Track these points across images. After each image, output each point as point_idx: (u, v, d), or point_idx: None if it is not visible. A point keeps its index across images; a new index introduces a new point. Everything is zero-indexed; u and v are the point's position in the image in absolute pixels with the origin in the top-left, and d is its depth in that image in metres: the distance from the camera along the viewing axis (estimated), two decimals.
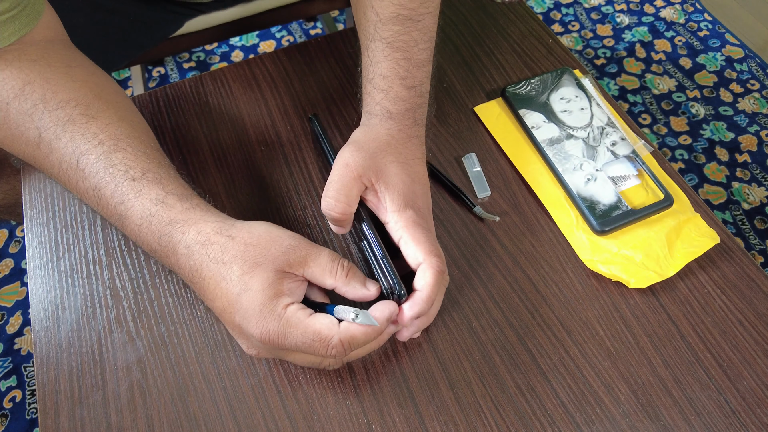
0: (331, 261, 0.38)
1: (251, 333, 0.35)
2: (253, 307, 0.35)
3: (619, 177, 0.49)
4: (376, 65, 0.45)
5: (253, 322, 0.35)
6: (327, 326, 0.35)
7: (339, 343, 0.35)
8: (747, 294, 0.44)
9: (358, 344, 0.36)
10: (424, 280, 0.38)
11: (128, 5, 0.68)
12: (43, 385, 0.40)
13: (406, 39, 0.45)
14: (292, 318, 0.35)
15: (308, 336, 0.35)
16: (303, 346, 0.35)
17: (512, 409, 0.39)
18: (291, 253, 0.37)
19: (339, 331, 0.35)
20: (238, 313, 0.36)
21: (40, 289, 0.44)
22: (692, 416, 0.39)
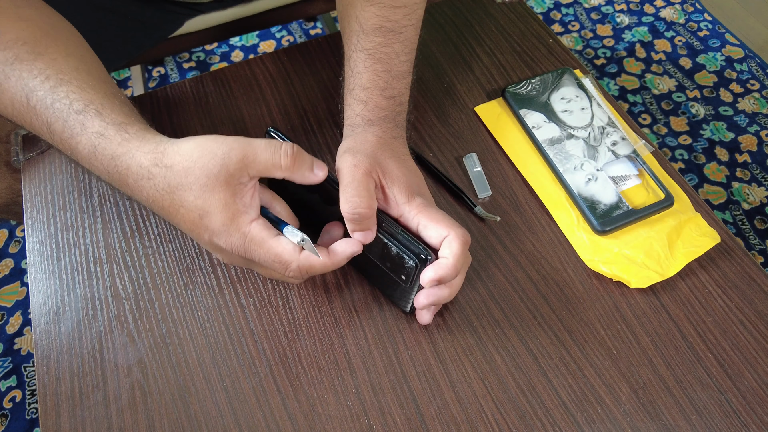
0: (272, 153, 0.37)
1: (221, 246, 0.37)
2: (218, 226, 0.37)
3: (620, 177, 0.49)
4: (357, 76, 0.45)
5: (222, 238, 0.37)
6: (288, 251, 0.37)
7: (297, 269, 0.37)
8: (748, 293, 0.44)
9: (315, 273, 0.39)
10: (450, 249, 0.39)
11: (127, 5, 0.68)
12: (44, 385, 0.40)
13: (387, 51, 0.45)
14: (256, 236, 0.37)
15: (269, 256, 0.37)
16: (265, 263, 0.38)
17: (513, 409, 0.39)
18: (229, 162, 0.36)
19: (299, 258, 0.37)
20: (206, 231, 0.37)
21: (41, 290, 0.44)
22: (693, 416, 0.39)
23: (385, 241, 0.40)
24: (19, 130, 0.52)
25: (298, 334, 0.42)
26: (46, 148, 0.52)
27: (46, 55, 0.40)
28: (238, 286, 0.44)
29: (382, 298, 0.44)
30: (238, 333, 0.42)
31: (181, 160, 0.37)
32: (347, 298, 0.44)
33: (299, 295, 0.44)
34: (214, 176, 0.36)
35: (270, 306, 0.43)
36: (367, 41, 0.45)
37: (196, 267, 0.45)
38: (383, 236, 0.40)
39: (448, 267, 0.38)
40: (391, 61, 0.45)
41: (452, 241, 0.39)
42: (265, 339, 0.42)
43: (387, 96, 0.45)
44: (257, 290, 0.44)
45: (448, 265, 0.38)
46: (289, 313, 0.43)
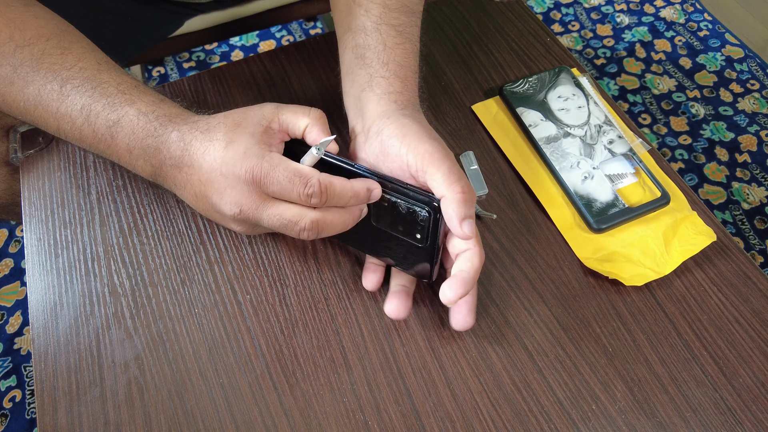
0: (301, 107, 0.40)
1: (237, 173, 0.37)
2: (239, 153, 0.37)
3: (616, 175, 0.49)
4: (391, 51, 0.44)
5: (239, 163, 0.37)
6: (309, 169, 0.38)
7: (317, 182, 0.37)
8: (743, 291, 0.44)
9: (335, 192, 0.38)
10: (471, 263, 0.38)
11: (127, 5, 0.68)
12: (41, 381, 0.41)
13: (413, 33, 0.45)
14: (275, 158, 0.37)
15: (291, 171, 0.37)
16: (284, 181, 0.37)
17: (509, 406, 0.39)
18: (265, 109, 0.40)
19: (319, 175, 0.37)
20: (225, 163, 0.37)
21: (39, 287, 0.45)
22: (688, 413, 0.39)
23: (393, 200, 0.40)
24: (18, 127, 0.53)
25: (295, 330, 0.42)
26: (45, 145, 0.52)
27: (73, 50, 0.42)
28: (235, 283, 0.45)
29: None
30: (234, 329, 0.42)
31: (227, 111, 0.40)
32: (343, 295, 0.44)
33: (296, 292, 0.44)
34: (250, 119, 0.39)
35: (267, 303, 0.44)
36: (393, 18, 0.44)
37: (193, 264, 0.45)
38: (390, 196, 0.40)
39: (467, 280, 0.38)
40: (415, 43, 0.45)
41: (474, 257, 0.38)
42: (261, 335, 0.42)
43: (418, 80, 0.45)
44: (254, 287, 0.44)
45: (467, 279, 0.38)
46: (285, 310, 0.43)
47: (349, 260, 0.46)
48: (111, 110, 0.40)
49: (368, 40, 0.44)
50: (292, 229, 0.38)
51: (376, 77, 0.43)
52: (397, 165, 0.40)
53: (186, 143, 0.39)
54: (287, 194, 0.37)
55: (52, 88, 0.40)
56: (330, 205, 0.38)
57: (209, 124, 0.39)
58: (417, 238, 0.40)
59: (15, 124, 0.53)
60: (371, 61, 0.44)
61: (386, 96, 0.43)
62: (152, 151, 0.40)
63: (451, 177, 0.38)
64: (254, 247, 0.46)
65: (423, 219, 0.38)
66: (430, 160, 0.38)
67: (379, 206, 0.40)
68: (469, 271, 0.38)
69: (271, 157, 0.37)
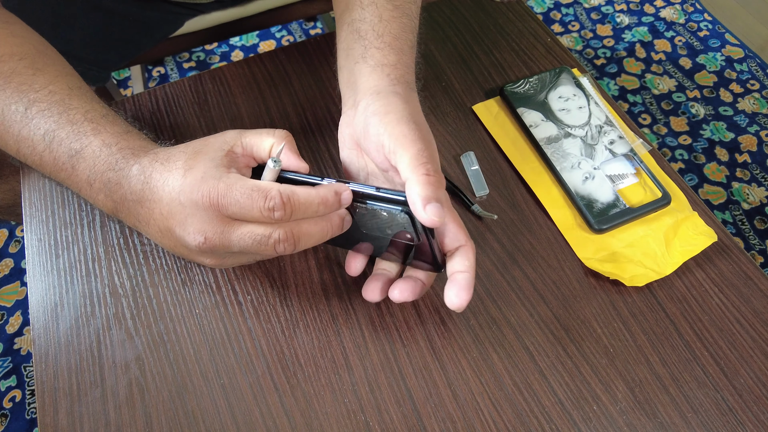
0: (266, 129, 0.39)
1: (194, 199, 0.35)
2: (196, 179, 0.35)
3: (617, 175, 0.49)
4: (386, 24, 0.43)
5: (196, 188, 0.35)
6: (267, 182, 0.35)
7: (278, 194, 0.34)
8: (744, 292, 0.44)
9: (299, 201, 0.35)
10: (468, 261, 0.38)
11: (128, 5, 0.68)
12: (42, 382, 0.40)
13: (411, 8, 0.44)
14: (232, 177, 0.35)
15: (248, 187, 0.34)
16: (242, 199, 0.34)
17: (510, 407, 0.39)
18: (227, 135, 0.38)
19: (279, 186, 0.35)
20: (183, 192, 0.35)
21: (39, 287, 0.45)
22: (689, 414, 0.39)
23: (370, 206, 0.37)
24: None
25: (295, 331, 0.42)
26: None
27: (46, 72, 0.40)
28: (236, 283, 0.45)
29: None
30: (235, 330, 0.42)
31: (187, 142, 0.39)
32: (344, 295, 0.44)
33: (297, 293, 0.44)
34: (210, 146, 0.37)
35: (267, 303, 0.44)
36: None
37: (193, 264, 0.45)
38: (366, 203, 0.37)
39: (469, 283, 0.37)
40: (413, 18, 0.44)
41: (469, 253, 0.38)
42: (262, 336, 0.42)
43: (413, 56, 0.43)
44: (255, 288, 0.44)
45: (468, 281, 0.37)
46: (286, 310, 0.43)
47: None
48: (75, 139, 0.38)
49: (364, 13, 0.43)
50: (267, 244, 0.35)
51: (371, 48, 0.42)
52: (374, 145, 0.38)
53: (146, 176, 0.37)
54: (248, 213, 0.34)
55: (17, 109, 0.39)
56: (298, 217, 0.35)
57: (169, 153, 0.38)
58: (408, 238, 0.38)
59: None
60: (366, 33, 0.43)
61: (379, 68, 0.41)
62: (113, 186, 0.38)
63: (418, 159, 0.35)
64: None
65: (404, 219, 0.36)
66: (402, 142, 0.36)
67: (361, 214, 0.38)
68: (468, 272, 0.37)
69: (228, 177, 0.35)
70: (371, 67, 0.41)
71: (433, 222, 0.34)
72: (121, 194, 0.38)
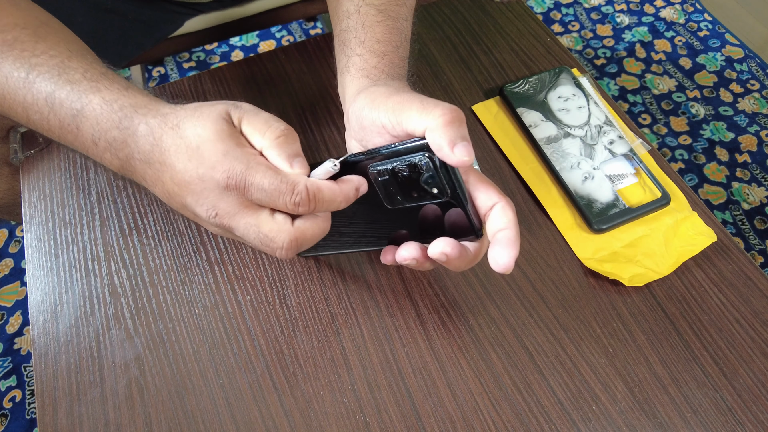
0: (265, 121, 0.36)
1: (217, 178, 0.34)
2: (217, 154, 0.34)
3: (617, 175, 0.49)
4: (369, 29, 0.42)
5: (219, 167, 0.33)
6: (294, 173, 0.34)
7: (305, 189, 0.33)
8: (744, 292, 0.44)
9: (324, 198, 0.34)
10: (507, 217, 0.34)
11: (127, 5, 0.68)
12: (42, 382, 0.40)
13: (398, 10, 0.43)
14: (260, 159, 0.34)
15: (275, 177, 0.33)
16: (269, 187, 0.33)
17: (509, 407, 0.39)
18: (232, 106, 0.36)
19: (307, 180, 0.34)
20: (201, 163, 0.34)
21: (39, 287, 0.45)
22: (689, 414, 0.39)
23: (389, 167, 0.35)
24: (19, 128, 0.53)
25: (295, 331, 0.42)
26: (45, 146, 0.52)
27: (48, 40, 0.40)
28: (236, 283, 0.45)
29: (379, 296, 0.44)
30: (234, 330, 0.42)
31: (196, 104, 0.37)
32: (344, 295, 0.44)
33: (296, 292, 0.44)
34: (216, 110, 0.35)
35: (267, 303, 0.44)
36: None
37: (193, 264, 0.45)
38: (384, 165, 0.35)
39: (514, 239, 0.34)
40: (401, 21, 0.43)
41: (506, 209, 0.35)
42: (261, 336, 0.42)
43: (401, 55, 0.42)
44: (254, 288, 0.44)
45: (513, 237, 0.34)
46: (285, 310, 0.43)
47: (349, 260, 0.46)
48: (75, 99, 0.37)
49: (349, 22, 0.43)
50: (268, 246, 0.35)
51: (353, 56, 0.42)
52: (376, 133, 0.37)
53: (156, 138, 0.36)
54: (272, 201, 0.34)
55: (19, 75, 0.38)
56: (317, 212, 0.35)
57: (179, 117, 0.36)
58: (436, 194, 0.35)
59: (15, 125, 0.53)
60: (349, 42, 0.43)
61: (359, 73, 0.41)
62: (119, 144, 0.37)
63: (426, 107, 0.34)
64: None
65: (427, 168, 0.34)
66: (401, 108, 0.35)
67: (384, 185, 0.36)
68: (510, 229, 0.34)
69: (256, 159, 0.34)
70: (353, 75, 0.41)
71: (464, 161, 0.32)
72: (127, 152, 0.37)
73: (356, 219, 0.39)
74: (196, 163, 0.34)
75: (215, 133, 0.34)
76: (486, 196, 0.35)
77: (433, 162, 0.33)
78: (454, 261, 0.35)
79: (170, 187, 0.36)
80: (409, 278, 0.45)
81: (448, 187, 0.34)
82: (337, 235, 0.40)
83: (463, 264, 0.36)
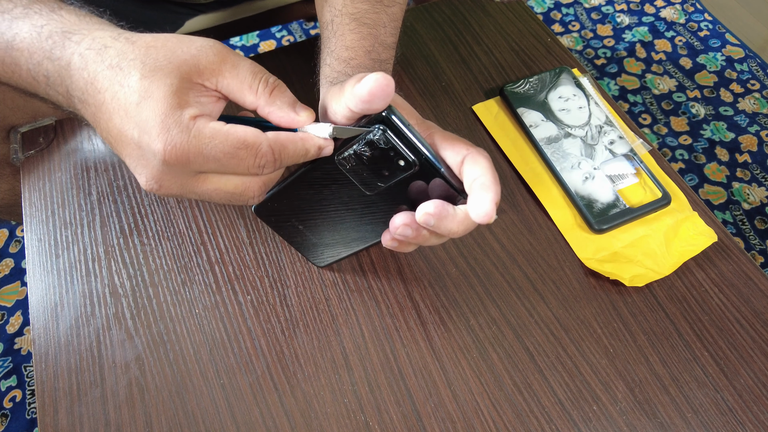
0: (252, 74, 0.31)
1: (154, 149, 0.29)
2: (154, 117, 0.29)
3: (617, 175, 0.49)
4: (340, 37, 0.40)
5: (155, 133, 0.28)
6: (253, 133, 0.30)
7: (269, 150, 0.30)
8: (744, 292, 0.44)
9: (288, 156, 0.31)
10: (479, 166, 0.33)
11: (127, 4, 0.68)
12: (42, 382, 0.40)
13: (374, 18, 0.42)
14: (205, 129, 0.29)
15: (231, 143, 0.29)
16: (224, 158, 0.29)
17: (509, 407, 0.39)
18: (202, 55, 0.30)
19: (267, 138, 0.30)
20: (138, 126, 0.29)
21: (39, 287, 0.45)
22: (689, 414, 0.39)
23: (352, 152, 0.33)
24: (19, 128, 0.53)
25: (295, 331, 0.42)
26: (45, 146, 0.52)
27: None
28: (236, 283, 0.45)
29: (379, 296, 0.44)
30: (235, 330, 0.42)
31: (150, 39, 0.30)
32: (344, 295, 0.44)
33: (296, 292, 0.44)
34: (177, 63, 0.30)
35: (267, 303, 0.44)
36: (353, 7, 0.42)
37: (193, 264, 0.45)
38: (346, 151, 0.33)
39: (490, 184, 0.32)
40: (377, 27, 0.42)
41: (476, 157, 0.33)
42: (262, 336, 0.42)
43: (372, 58, 0.41)
44: (254, 288, 0.44)
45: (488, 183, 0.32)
46: (286, 310, 0.43)
47: (350, 260, 0.46)
48: (5, 28, 0.33)
49: (325, 33, 0.42)
50: (238, 201, 0.33)
51: (324, 66, 0.41)
52: None
53: (91, 75, 0.30)
54: (231, 170, 0.30)
55: None
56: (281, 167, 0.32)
57: (122, 56, 0.30)
58: (405, 165, 0.33)
59: (16, 125, 0.53)
60: (323, 54, 0.42)
61: (326, 84, 0.39)
62: (55, 79, 0.32)
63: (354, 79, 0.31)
64: (255, 247, 0.46)
65: (384, 141, 0.32)
66: (341, 91, 0.33)
67: (355, 173, 0.35)
68: (484, 175, 0.32)
69: (199, 129, 0.29)
70: (323, 85, 0.40)
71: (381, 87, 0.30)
72: (64, 88, 0.32)
73: (348, 217, 0.39)
74: (132, 123, 0.29)
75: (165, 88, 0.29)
76: (453, 152, 0.34)
77: (386, 134, 0.32)
78: (443, 224, 0.33)
79: (107, 138, 0.32)
80: (410, 278, 0.45)
81: (412, 153, 0.33)
82: (338, 239, 0.40)
83: (454, 225, 0.34)
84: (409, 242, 0.37)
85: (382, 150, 0.33)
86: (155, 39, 0.31)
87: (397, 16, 0.44)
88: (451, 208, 0.34)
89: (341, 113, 0.33)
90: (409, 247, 0.38)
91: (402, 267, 0.45)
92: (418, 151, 0.33)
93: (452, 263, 0.46)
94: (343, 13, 0.42)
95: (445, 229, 0.34)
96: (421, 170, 0.33)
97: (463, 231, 0.35)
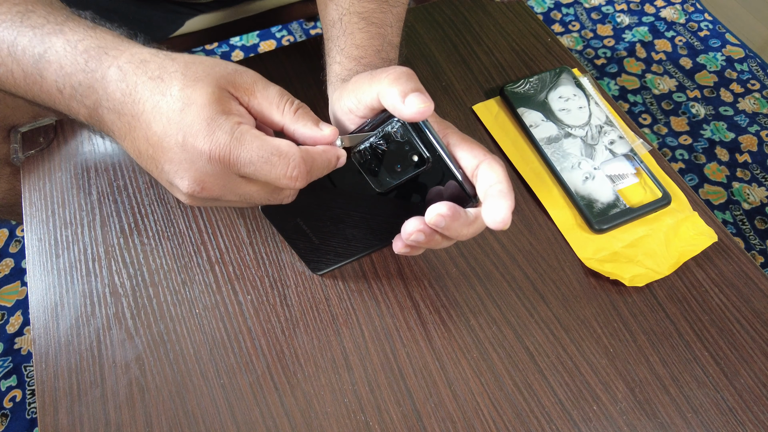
0: (280, 95, 0.34)
1: (200, 149, 0.31)
2: (200, 121, 0.31)
3: (617, 175, 0.49)
4: (349, 36, 0.41)
5: (201, 136, 0.31)
6: (287, 144, 0.32)
7: (301, 162, 0.32)
8: (744, 292, 0.44)
9: (316, 167, 0.33)
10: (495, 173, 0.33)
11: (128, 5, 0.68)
12: (42, 382, 0.40)
13: (382, 17, 0.43)
14: (247, 133, 0.31)
15: (267, 150, 0.31)
16: (259, 162, 0.31)
17: (510, 407, 0.39)
18: (237, 75, 0.33)
19: (300, 151, 0.32)
20: (182, 130, 0.31)
21: (40, 287, 0.45)
22: (689, 414, 0.39)
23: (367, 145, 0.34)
24: (19, 128, 0.53)
25: (295, 331, 0.42)
26: (46, 145, 0.52)
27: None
28: (236, 283, 0.45)
29: (380, 296, 0.44)
30: (235, 330, 0.42)
31: (188, 57, 0.33)
32: (344, 295, 0.44)
33: (297, 292, 0.44)
34: (215, 77, 0.32)
35: (267, 303, 0.44)
36: (361, 6, 0.42)
37: (194, 264, 0.45)
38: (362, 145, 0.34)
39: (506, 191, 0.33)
40: (385, 27, 0.43)
41: (493, 164, 0.34)
42: (262, 336, 0.42)
43: (382, 57, 0.42)
44: (255, 288, 0.44)
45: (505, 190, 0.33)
46: (286, 310, 0.43)
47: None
48: (37, 43, 0.34)
49: (333, 32, 0.43)
50: (277, 200, 0.35)
51: (333, 65, 0.42)
52: (348, 121, 0.37)
53: (129, 86, 0.32)
54: (265, 177, 0.32)
55: None
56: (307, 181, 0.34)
57: (163, 69, 0.32)
58: (418, 162, 0.34)
59: (16, 125, 0.53)
60: (332, 52, 0.42)
61: (337, 82, 0.40)
62: (84, 90, 0.34)
63: (374, 76, 0.33)
64: (255, 247, 0.46)
65: (402, 135, 0.33)
66: (357, 87, 0.34)
67: (368, 167, 0.35)
68: (501, 183, 0.33)
69: (242, 132, 0.31)
70: (332, 83, 0.41)
71: (420, 111, 0.31)
72: (94, 99, 0.34)
73: (354, 218, 0.39)
74: (176, 128, 0.31)
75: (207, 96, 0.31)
76: (471, 155, 0.34)
77: (404, 126, 0.33)
78: (454, 225, 0.34)
79: (143, 147, 0.33)
80: (410, 278, 0.45)
81: (427, 150, 0.33)
82: (340, 242, 0.40)
83: (464, 228, 0.34)
84: (419, 246, 0.37)
85: (397, 143, 0.33)
86: (193, 57, 0.33)
87: (402, 16, 0.45)
88: (463, 211, 0.34)
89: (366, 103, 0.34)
90: (418, 251, 0.38)
91: (402, 267, 0.45)
92: (433, 147, 0.33)
93: (452, 263, 0.46)
94: (351, 12, 0.42)
95: (454, 232, 0.34)
96: (433, 168, 0.34)
97: (471, 234, 0.35)
